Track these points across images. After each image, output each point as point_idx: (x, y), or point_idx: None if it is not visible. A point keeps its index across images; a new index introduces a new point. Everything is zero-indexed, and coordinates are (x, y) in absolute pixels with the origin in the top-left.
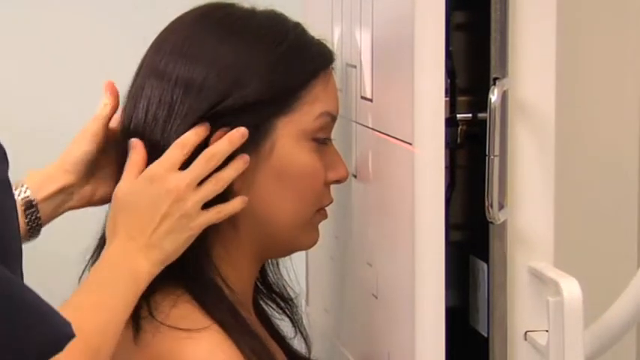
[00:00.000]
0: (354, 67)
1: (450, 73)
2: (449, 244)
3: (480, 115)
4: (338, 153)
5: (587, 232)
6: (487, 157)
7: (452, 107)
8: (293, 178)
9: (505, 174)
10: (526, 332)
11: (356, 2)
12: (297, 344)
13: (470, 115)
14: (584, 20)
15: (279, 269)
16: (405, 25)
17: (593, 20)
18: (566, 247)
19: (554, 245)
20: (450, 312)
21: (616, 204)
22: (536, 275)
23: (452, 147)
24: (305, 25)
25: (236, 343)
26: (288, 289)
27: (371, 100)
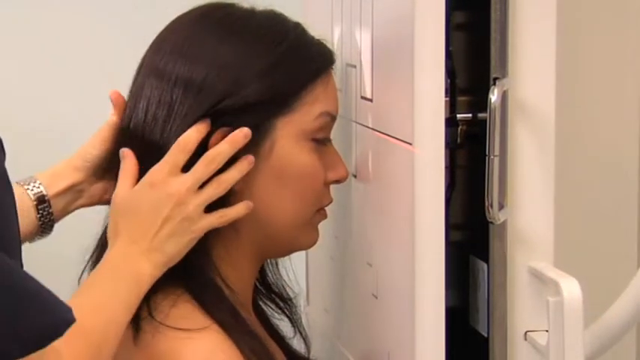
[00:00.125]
0: (354, 67)
1: (450, 73)
2: (449, 244)
3: (480, 115)
4: (337, 153)
5: (587, 232)
6: (487, 157)
7: (452, 107)
8: (293, 179)
9: (505, 174)
10: (526, 332)
11: (356, 2)
12: (296, 344)
13: (470, 115)
14: (584, 20)
15: (278, 269)
16: (405, 25)
17: (593, 20)
18: (566, 247)
19: (554, 245)
20: (450, 312)
21: (616, 204)
22: (536, 275)
23: (452, 147)
24: (305, 25)
25: (236, 343)
26: (287, 289)
27: (371, 100)
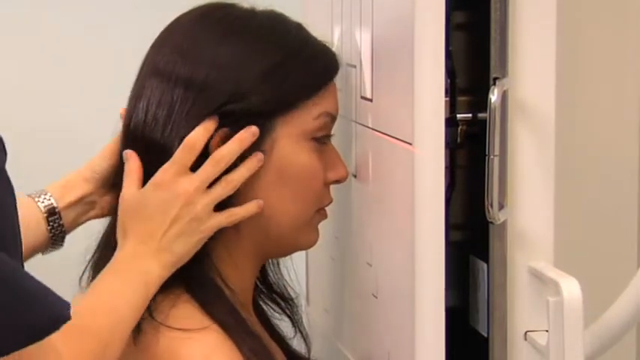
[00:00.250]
0: (354, 67)
1: (450, 73)
2: (449, 244)
3: (480, 115)
4: (338, 153)
5: (587, 232)
6: (487, 157)
7: (452, 107)
8: (293, 179)
9: (505, 174)
10: (526, 332)
11: (356, 2)
12: (296, 344)
13: (470, 115)
14: (584, 20)
15: (279, 269)
16: (405, 25)
17: (593, 20)
18: (566, 247)
19: (554, 245)
20: (450, 312)
21: (616, 204)
22: (536, 275)
23: (452, 147)
24: (305, 25)
25: (236, 344)
26: (288, 289)
27: (371, 100)
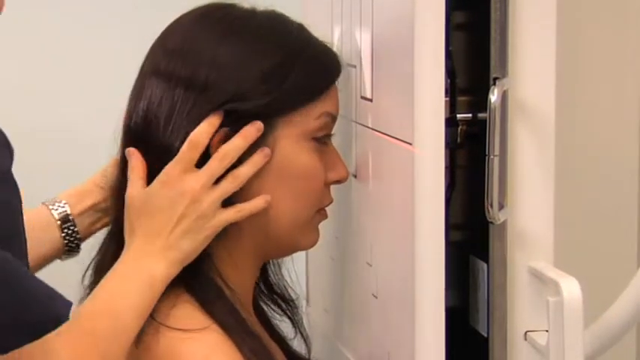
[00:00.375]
0: (354, 67)
1: (450, 73)
2: (449, 244)
3: (480, 115)
4: (338, 153)
5: (587, 232)
6: (487, 157)
7: (452, 107)
8: (294, 179)
9: (505, 174)
10: (526, 332)
11: (356, 2)
12: (296, 345)
13: (470, 115)
14: (584, 20)
15: (280, 270)
16: (405, 25)
17: (593, 20)
18: (566, 247)
19: (554, 245)
20: (450, 312)
21: (616, 204)
22: (536, 275)
23: (452, 147)
24: (306, 26)
25: (236, 344)
26: (289, 290)
27: (371, 100)
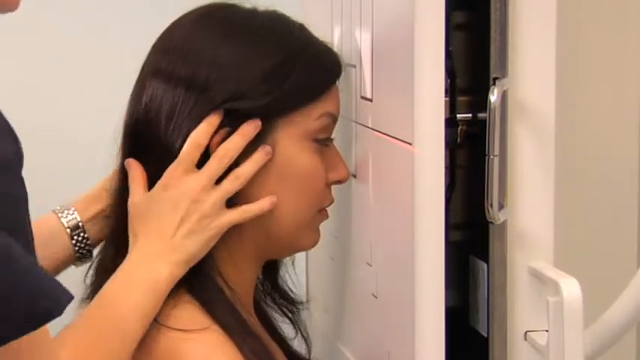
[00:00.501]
0: (354, 67)
1: (450, 73)
2: (449, 244)
3: (480, 115)
4: (339, 153)
5: (587, 232)
6: (487, 157)
7: (452, 107)
8: (295, 179)
9: (505, 174)
10: (526, 332)
11: (356, 2)
12: (297, 345)
13: (470, 115)
14: (584, 20)
15: (286, 271)
16: (405, 25)
17: (593, 20)
18: (566, 247)
19: (554, 245)
20: (450, 312)
21: (616, 204)
22: (536, 275)
23: (452, 147)
24: (306, 26)
25: (236, 344)
26: (293, 292)
27: (371, 100)
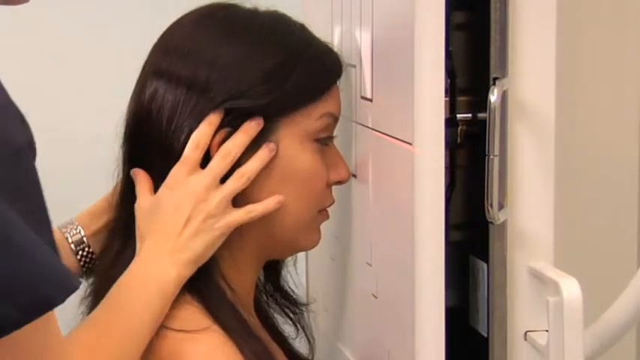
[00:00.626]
0: (354, 67)
1: (450, 73)
2: (449, 244)
3: (480, 115)
4: (340, 154)
5: (587, 232)
6: (487, 157)
7: (452, 107)
8: (296, 179)
9: (505, 174)
10: (526, 332)
11: (356, 2)
12: (297, 345)
13: (470, 115)
14: (584, 20)
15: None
16: (405, 25)
17: (593, 20)
18: (566, 247)
19: (554, 245)
20: (450, 312)
21: (616, 204)
22: (536, 275)
23: (452, 147)
24: (307, 26)
25: (237, 345)
26: (295, 294)
27: (371, 100)
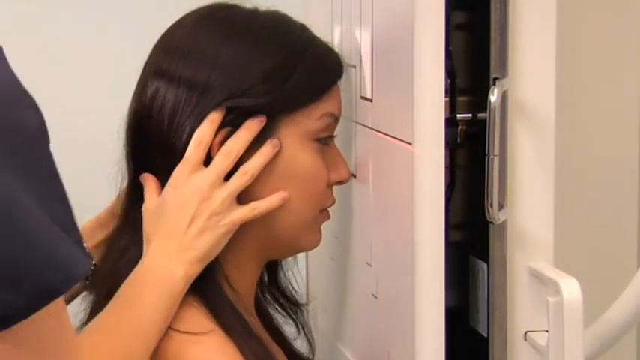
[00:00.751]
0: (354, 67)
1: (450, 73)
2: (449, 244)
3: (480, 115)
4: (340, 154)
5: (587, 232)
6: (487, 157)
7: (452, 107)
8: (297, 179)
9: (505, 174)
10: (526, 332)
11: (356, 2)
12: (298, 345)
13: (470, 115)
14: (584, 20)
15: (290, 273)
16: (405, 25)
17: (593, 20)
18: (566, 247)
19: (554, 245)
20: (450, 312)
21: (616, 204)
22: (536, 275)
23: (452, 147)
24: (308, 26)
25: (238, 346)
26: (297, 294)
27: (371, 100)
